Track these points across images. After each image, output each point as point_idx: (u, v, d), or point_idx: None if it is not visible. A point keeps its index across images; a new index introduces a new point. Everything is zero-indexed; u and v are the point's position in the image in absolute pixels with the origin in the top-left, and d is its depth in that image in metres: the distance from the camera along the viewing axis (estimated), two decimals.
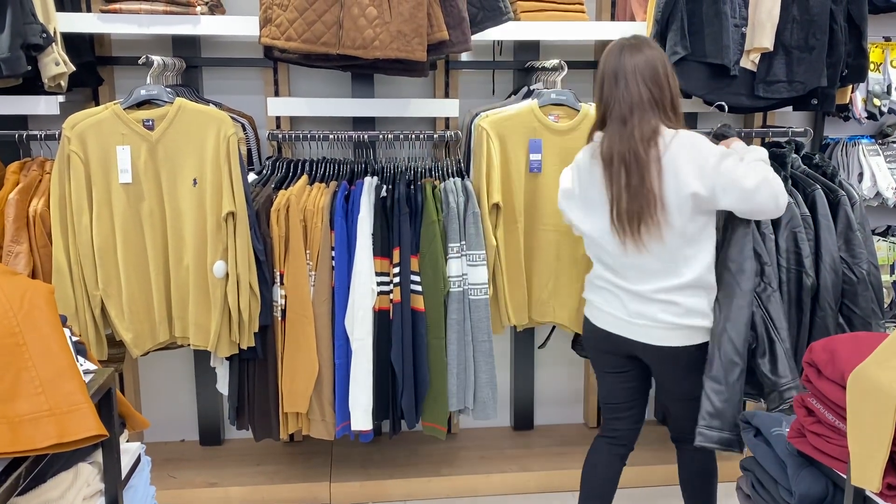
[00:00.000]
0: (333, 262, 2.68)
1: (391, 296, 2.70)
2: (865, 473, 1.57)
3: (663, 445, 3.25)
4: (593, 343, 2.37)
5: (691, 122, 3.28)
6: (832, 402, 1.83)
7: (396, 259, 2.68)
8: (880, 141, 3.40)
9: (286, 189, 2.72)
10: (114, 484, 1.72)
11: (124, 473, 1.81)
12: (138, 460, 1.96)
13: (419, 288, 2.69)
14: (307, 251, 2.67)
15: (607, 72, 2.15)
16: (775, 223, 2.81)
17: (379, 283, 2.68)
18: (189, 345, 2.69)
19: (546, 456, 3.25)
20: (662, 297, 2.16)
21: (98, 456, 1.71)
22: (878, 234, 3.43)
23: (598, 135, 2.20)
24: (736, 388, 2.19)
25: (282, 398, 2.73)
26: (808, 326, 2.84)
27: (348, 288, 2.66)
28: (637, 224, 2.09)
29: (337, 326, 2.68)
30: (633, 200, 2.08)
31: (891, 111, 3.30)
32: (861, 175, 3.32)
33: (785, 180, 2.91)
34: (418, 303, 2.69)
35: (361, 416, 2.68)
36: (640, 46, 2.15)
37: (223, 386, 2.82)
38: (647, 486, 3.12)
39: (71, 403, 1.42)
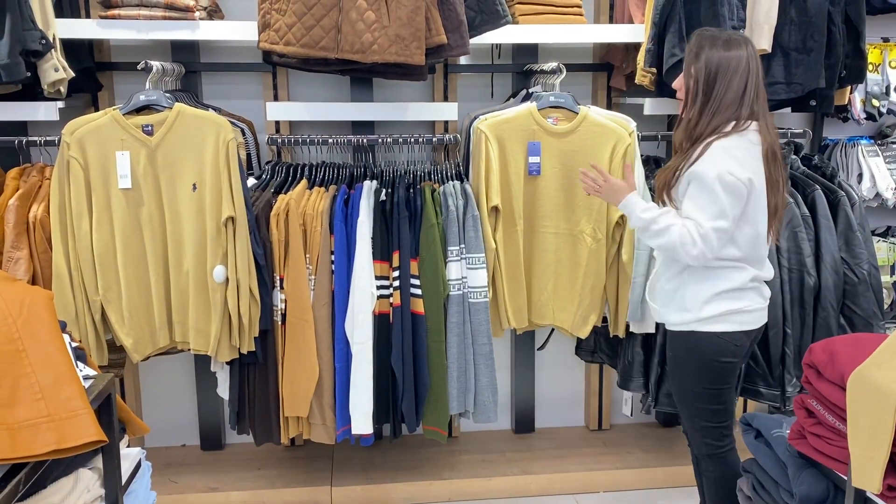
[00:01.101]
0: (333, 266, 2.68)
1: (391, 299, 2.70)
2: (866, 475, 1.57)
3: (664, 447, 3.25)
4: (743, 353, 2.28)
5: None
6: (832, 404, 1.83)
7: (396, 263, 2.68)
8: (879, 142, 3.40)
9: (286, 193, 2.72)
10: (114, 489, 1.72)
11: (125, 479, 1.81)
12: (139, 465, 1.96)
13: (419, 291, 2.69)
14: (307, 255, 2.67)
15: (751, 64, 2.13)
16: None
17: (379, 287, 2.68)
18: (189, 349, 2.69)
19: (547, 459, 3.25)
20: None
21: (98, 461, 1.71)
22: (878, 235, 3.42)
23: (753, 125, 2.15)
24: None
25: (282, 402, 2.73)
26: (811, 327, 2.84)
27: (348, 292, 2.66)
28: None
29: (337, 330, 2.68)
30: (780, 193, 2.22)
31: (889, 112, 3.30)
32: (860, 176, 3.32)
33: (784, 181, 2.92)
34: (418, 306, 2.69)
35: (362, 420, 2.68)
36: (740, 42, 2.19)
37: (224, 390, 2.82)
38: (649, 488, 3.12)
39: (70, 409, 1.42)
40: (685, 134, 2.20)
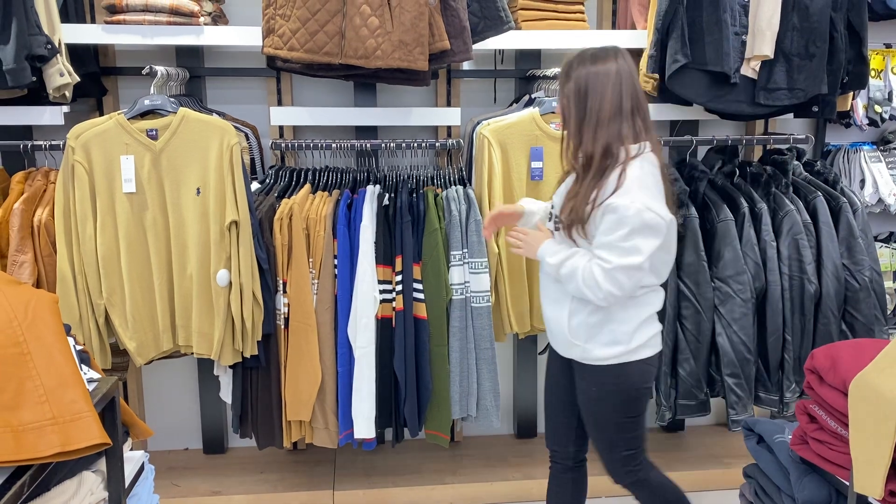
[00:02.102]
0: (336, 270, 2.69)
1: (394, 304, 2.71)
2: (868, 480, 1.57)
3: (666, 452, 3.24)
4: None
5: (692, 129, 3.28)
6: (834, 409, 1.84)
7: (399, 267, 2.69)
8: (882, 147, 3.41)
9: (289, 198, 2.73)
10: (117, 492, 1.72)
11: (128, 482, 1.82)
12: (142, 468, 1.96)
13: (421, 296, 2.70)
14: (310, 259, 2.68)
15: (622, 75, 2.00)
16: (777, 231, 2.82)
17: (381, 291, 2.69)
18: (192, 353, 2.70)
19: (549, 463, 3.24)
20: None
21: (102, 464, 1.72)
22: (881, 241, 3.43)
23: (647, 146, 2.04)
24: None
25: (285, 406, 2.73)
26: (811, 334, 2.85)
27: (351, 296, 2.66)
28: None
29: (340, 334, 2.69)
30: (674, 208, 2.11)
31: (892, 118, 3.31)
32: (863, 181, 3.33)
33: (787, 187, 2.92)
34: (421, 310, 2.70)
35: (364, 424, 2.69)
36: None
37: (226, 394, 2.82)
38: None
39: (74, 412, 1.43)
40: (575, 156, 2.06)
